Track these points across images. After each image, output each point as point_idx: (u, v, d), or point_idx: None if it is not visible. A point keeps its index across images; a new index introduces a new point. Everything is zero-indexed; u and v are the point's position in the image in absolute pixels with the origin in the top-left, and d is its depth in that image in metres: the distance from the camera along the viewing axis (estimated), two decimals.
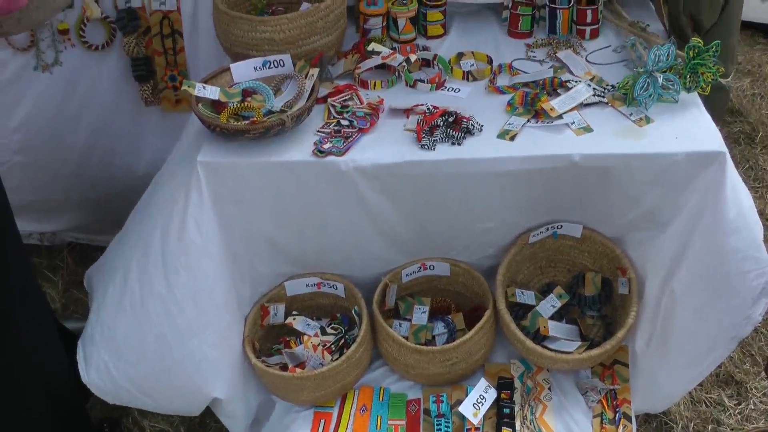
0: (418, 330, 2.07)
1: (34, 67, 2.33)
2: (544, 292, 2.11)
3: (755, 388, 2.32)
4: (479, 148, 1.81)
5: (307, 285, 2.07)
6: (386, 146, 1.82)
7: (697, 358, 1.94)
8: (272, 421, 2.02)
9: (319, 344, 1.97)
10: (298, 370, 1.95)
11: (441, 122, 1.85)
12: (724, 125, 3.19)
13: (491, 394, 1.94)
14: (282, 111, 1.84)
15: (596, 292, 2.09)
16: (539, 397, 1.98)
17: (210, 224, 1.82)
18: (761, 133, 3.24)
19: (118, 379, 1.88)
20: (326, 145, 1.81)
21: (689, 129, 1.83)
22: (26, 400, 1.89)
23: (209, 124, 1.80)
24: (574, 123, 1.86)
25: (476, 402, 1.92)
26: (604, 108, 1.92)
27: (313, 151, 1.80)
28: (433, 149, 1.80)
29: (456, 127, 1.85)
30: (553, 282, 2.14)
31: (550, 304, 2.05)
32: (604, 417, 1.95)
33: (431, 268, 2.06)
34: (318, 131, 1.86)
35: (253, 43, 1.93)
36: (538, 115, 1.89)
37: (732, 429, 2.23)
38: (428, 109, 1.89)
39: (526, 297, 2.06)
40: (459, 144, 1.82)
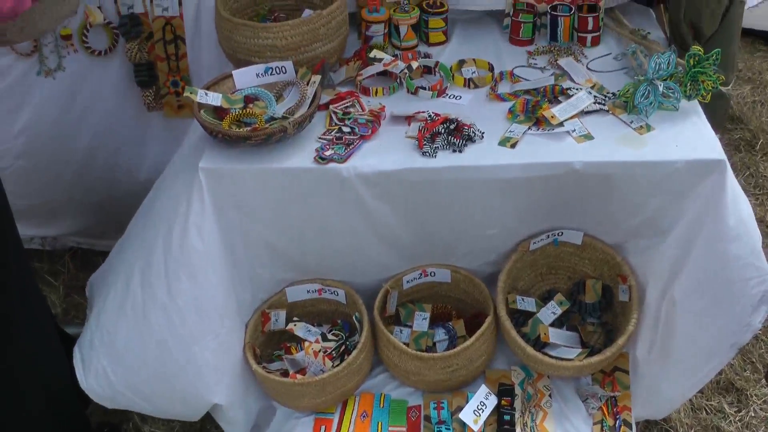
0: (419, 336, 2.07)
1: (37, 72, 2.33)
2: (544, 299, 2.11)
3: (755, 395, 2.32)
4: (480, 155, 1.82)
5: (308, 291, 2.07)
6: (388, 153, 1.83)
7: (698, 365, 1.94)
8: (273, 427, 2.02)
9: (319, 350, 1.98)
10: (298, 376, 1.95)
11: (442, 129, 1.85)
12: (725, 132, 3.20)
13: (492, 401, 1.95)
14: (284, 118, 1.84)
15: (597, 299, 2.09)
16: (540, 404, 1.99)
17: (212, 231, 1.83)
18: (762, 140, 3.25)
19: (116, 385, 1.88)
20: (328, 152, 1.81)
21: (689, 137, 1.84)
22: (26, 404, 1.89)
23: (211, 131, 1.80)
24: (575, 130, 1.86)
25: (477, 408, 1.92)
26: (604, 116, 1.92)
27: (315, 158, 1.81)
28: (435, 156, 1.81)
29: (457, 134, 1.85)
30: (553, 289, 2.14)
31: (551, 311, 2.05)
32: (605, 424, 1.95)
33: (432, 274, 2.07)
34: (319, 138, 1.87)
35: (256, 49, 1.94)
36: (539, 122, 1.90)
37: None
38: (430, 116, 1.90)
39: (527, 304, 2.07)
40: (460, 151, 1.82)
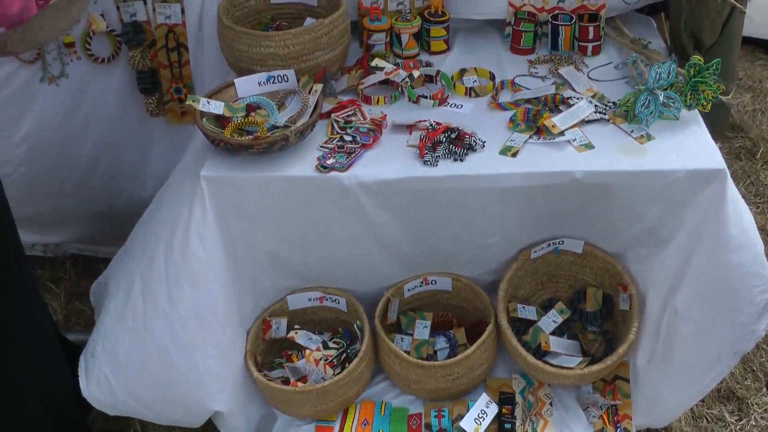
0: (420, 345, 2.07)
1: (41, 79, 2.34)
2: (545, 308, 2.12)
3: (756, 404, 2.32)
4: (481, 164, 1.83)
5: (309, 299, 2.07)
6: (389, 162, 1.83)
7: (700, 374, 1.94)
8: None
9: (321, 358, 1.98)
10: (299, 384, 1.95)
11: (444, 138, 1.86)
12: (725, 141, 3.20)
13: (492, 409, 1.95)
14: (285, 126, 1.85)
15: (597, 308, 2.09)
16: (540, 412, 1.99)
17: (213, 238, 1.83)
18: (762, 148, 3.25)
19: (118, 392, 1.88)
20: (329, 161, 1.82)
21: (690, 146, 1.84)
22: (27, 410, 1.89)
23: (213, 139, 1.81)
24: (575, 140, 1.87)
25: (477, 417, 1.92)
26: (605, 125, 1.93)
27: (317, 167, 1.81)
28: (436, 165, 1.82)
29: (458, 143, 1.86)
30: (554, 297, 2.15)
31: (552, 320, 2.05)
32: None
33: (433, 282, 2.07)
34: (321, 146, 1.88)
35: (258, 58, 1.95)
36: (540, 131, 1.90)
37: None
38: (431, 125, 1.91)
39: (528, 312, 2.07)
40: (461, 160, 1.83)
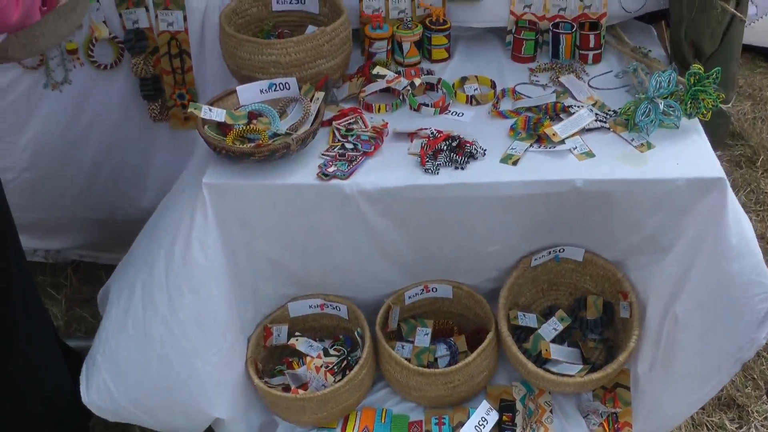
0: (421, 352, 2.07)
1: (44, 85, 2.35)
2: (545, 315, 2.12)
3: (757, 411, 2.32)
4: (482, 172, 1.83)
5: (310, 306, 2.07)
6: (390, 170, 1.84)
7: (700, 382, 1.94)
8: None
9: (321, 365, 1.98)
10: (300, 391, 1.95)
11: (444, 146, 1.86)
12: (726, 149, 3.21)
13: (493, 417, 1.95)
14: (287, 134, 1.86)
15: (598, 316, 2.09)
16: (541, 420, 1.99)
17: (214, 246, 1.84)
18: (762, 156, 3.26)
19: (118, 398, 1.87)
20: (330, 169, 1.82)
21: (690, 155, 1.85)
22: (28, 415, 1.90)
23: (215, 147, 1.81)
24: (576, 148, 1.88)
25: (478, 424, 1.92)
26: (606, 133, 1.93)
27: (318, 174, 1.82)
28: (437, 173, 1.82)
29: (459, 151, 1.86)
30: (554, 305, 2.15)
31: (552, 327, 2.05)
32: None
33: (434, 290, 2.07)
34: (322, 154, 1.88)
35: (260, 65, 1.96)
36: (541, 139, 1.91)
37: None
38: (432, 133, 1.91)
39: (528, 320, 2.07)
40: (462, 168, 1.84)
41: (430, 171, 1.82)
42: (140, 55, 2.32)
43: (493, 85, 2.13)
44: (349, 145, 1.89)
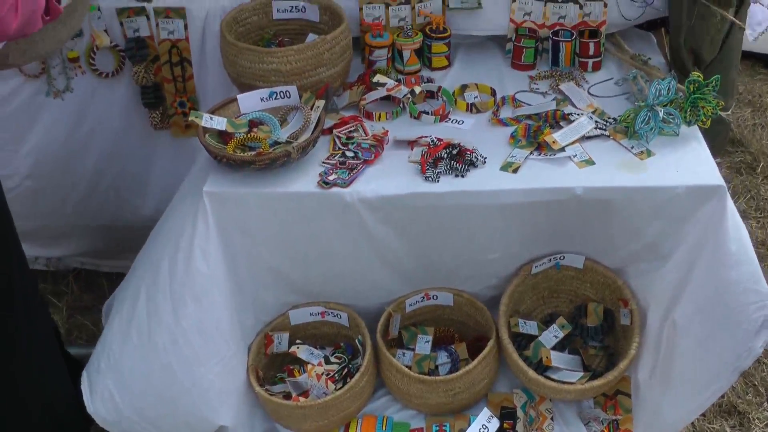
0: (422, 359, 2.08)
1: (46, 93, 2.36)
2: (546, 323, 2.12)
3: (757, 418, 2.32)
4: (482, 180, 1.84)
5: (311, 314, 2.08)
6: (390, 178, 1.84)
7: (700, 389, 1.94)
8: None
9: (322, 373, 1.98)
10: (301, 398, 1.96)
11: (445, 154, 1.87)
12: (726, 155, 3.21)
13: (494, 424, 1.95)
14: (288, 142, 1.86)
15: (598, 323, 2.10)
16: (542, 427, 1.99)
17: (216, 254, 1.84)
18: (762, 163, 3.26)
19: (122, 409, 1.88)
20: (331, 177, 1.83)
21: (690, 162, 1.85)
22: (29, 421, 1.90)
23: (216, 155, 1.82)
24: (576, 156, 1.88)
25: None
26: (605, 141, 1.94)
27: (318, 183, 1.82)
28: (437, 181, 1.83)
29: (460, 159, 1.87)
30: (555, 312, 2.15)
31: (553, 335, 2.06)
32: None
33: (434, 297, 2.08)
34: (323, 162, 1.89)
35: (260, 74, 1.96)
36: (541, 147, 1.91)
37: None
38: (432, 141, 1.92)
39: (529, 327, 2.07)
40: (462, 176, 1.84)
41: (430, 179, 1.83)
42: (141, 64, 2.32)
43: (493, 93, 2.14)
44: (349, 153, 1.90)
